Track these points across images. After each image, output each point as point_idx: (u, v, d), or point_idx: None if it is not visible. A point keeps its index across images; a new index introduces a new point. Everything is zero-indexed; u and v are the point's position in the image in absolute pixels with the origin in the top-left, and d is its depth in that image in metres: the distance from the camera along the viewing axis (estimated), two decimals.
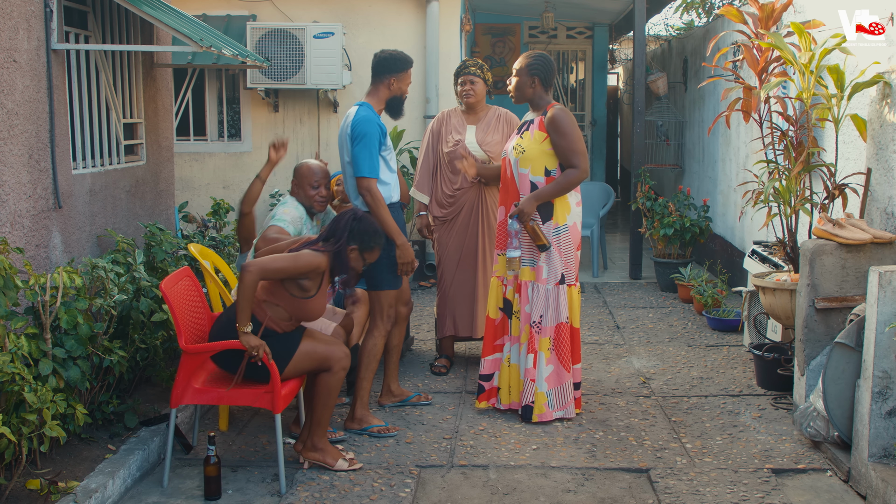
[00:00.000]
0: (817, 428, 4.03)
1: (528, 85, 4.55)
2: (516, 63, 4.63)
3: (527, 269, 4.51)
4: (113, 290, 4.01)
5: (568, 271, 4.49)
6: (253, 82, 7.55)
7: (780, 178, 4.74)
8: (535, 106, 4.59)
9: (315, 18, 7.79)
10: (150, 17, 4.51)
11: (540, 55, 4.60)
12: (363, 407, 4.38)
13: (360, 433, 4.33)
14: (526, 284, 4.51)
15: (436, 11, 7.79)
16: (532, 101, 4.59)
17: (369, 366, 4.38)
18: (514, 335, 4.59)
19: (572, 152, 4.40)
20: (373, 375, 4.42)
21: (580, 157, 4.41)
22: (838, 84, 4.37)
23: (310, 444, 3.90)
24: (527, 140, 4.50)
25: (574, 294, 4.52)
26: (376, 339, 4.39)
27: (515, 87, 4.59)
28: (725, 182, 7.60)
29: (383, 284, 4.38)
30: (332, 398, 3.83)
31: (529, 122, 4.57)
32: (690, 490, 3.73)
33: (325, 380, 3.80)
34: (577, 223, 4.53)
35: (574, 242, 4.51)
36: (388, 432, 4.33)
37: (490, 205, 5.26)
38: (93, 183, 4.84)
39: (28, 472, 3.52)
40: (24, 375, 3.27)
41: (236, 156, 8.09)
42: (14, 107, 3.99)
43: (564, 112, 4.47)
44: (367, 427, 4.34)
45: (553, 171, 4.46)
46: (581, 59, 12.22)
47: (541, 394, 4.47)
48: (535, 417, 4.47)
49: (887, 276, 3.56)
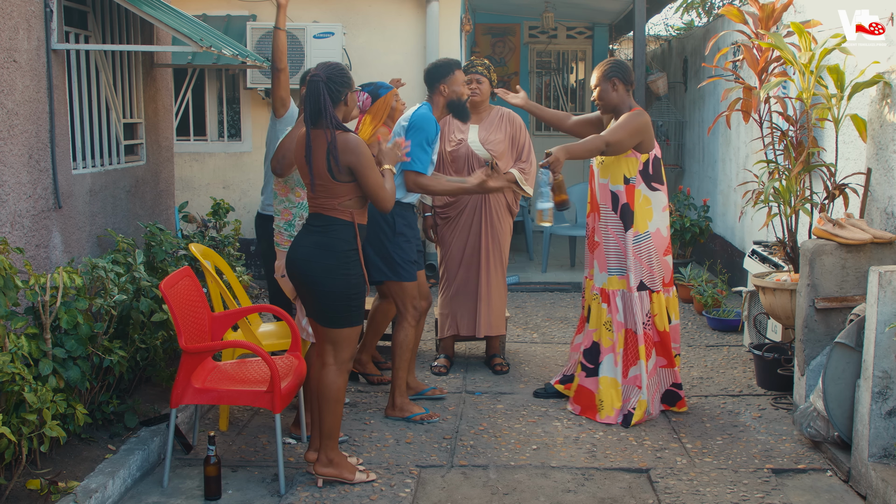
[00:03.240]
0: (817, 428, 4.03)
1: (611, 89, 4.51)
2: (592, 78, 4.62)
3: (614, 277, 4.53)
4: (113, 290, 4.01)
5: (652, 277, 4.48)
6: (253, 82, 7.55)
7: (780, 178, 4.74)
8: (619, 113, 4.53)
9: (315, 18, 7.78)
10: (150, 17, 4.51)
11: (612, 60, 4.60)
12: (402, 395, 4.55)
13: (404, 421, 4.50)
14: (614, 293, 4.52)
15: (436, 11, 7.79)
16: (619, 106, 4.53)
17: (403, 356, 4.53)
18: (605, 346, 4.56)
19: (612, 130, 4.38)
20: (406, 365, 4.56)
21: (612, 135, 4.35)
22: (838, 84, 4.37)
23: (323, 459, 3.75)
24: None
25: (659, 299, 4.50)
26: (406, 329, 4.54)
27: (599, 97, 4.55)
28: (725, 182, 7.60)
29: (402, 276, 4.51)
30: (339, 404, 3.71)
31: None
32: (690, 490, 3.73)
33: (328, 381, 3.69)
34: (661, 228, 4.51)
35: (659, 248, 4.49)
36: (430, 419, 4.50)
37: (493, 204, 5.26)
38: (93, 183, 4.84)
39: (28, 472, 3.52)
40: (24, 375, 3.27)
41: (236, 156, 8.09)
42: (14, 107, 3.99)
43: (638, 111, 4.46)
44: (409, 416, 4.50)
45: (632, 179, 4.46)
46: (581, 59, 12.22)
47: (643, 401, 4.48)
48: (633, 422, 4.47)
49: (887, 276, 3.56)
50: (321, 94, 3.52)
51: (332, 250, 3.60)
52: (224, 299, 4.36)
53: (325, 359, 3.72)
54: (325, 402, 3.69)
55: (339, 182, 3.56)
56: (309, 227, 3.68)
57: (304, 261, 3.62)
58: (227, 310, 4.25)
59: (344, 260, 3.61)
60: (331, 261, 3.59)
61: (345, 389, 3.74)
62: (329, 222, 3.62)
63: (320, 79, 3.54)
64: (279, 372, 3.80)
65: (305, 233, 3.68)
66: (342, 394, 3.71)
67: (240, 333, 4.39)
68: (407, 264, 4.53)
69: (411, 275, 4.55)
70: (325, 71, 3.57)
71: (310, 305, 3.71)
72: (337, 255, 3.60)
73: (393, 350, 4.57)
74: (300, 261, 3.63)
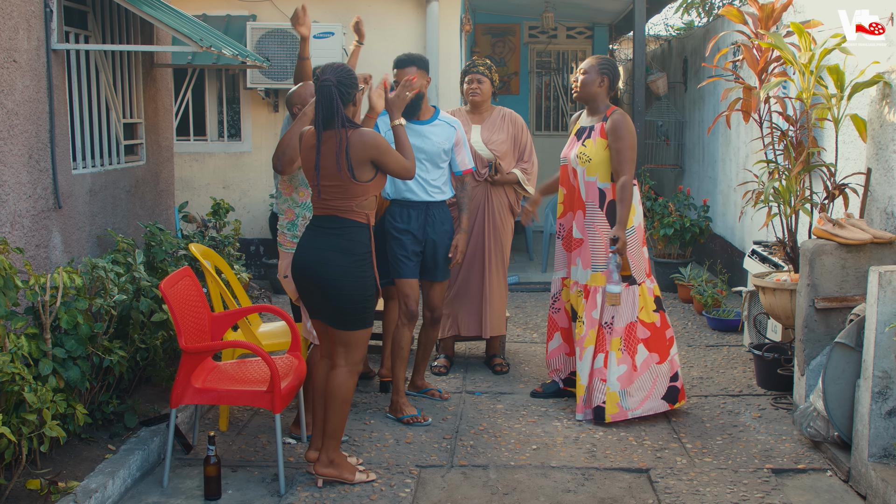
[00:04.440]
0: (817, 428, 4.03)
1: (597, 84, 4.56)
2: (585, 63, 4.65)
3: (598, 273, 4.54)
4: (113, 290, 4.01)
5: (638, 270, 4.52)
6: (253, 82, 7.55)
7: (780, 178, 4.74)
8: (594, 109, 4.61)
9: (315, 18, 7.77)
10: (150, 17, 4.51)
11: (612, 59, 4.65)
12: (399, 394, 4.56)
13: (395, 420, 4.52)
14: (595, 289, 4.54)
15: (436, 11, 7.79)
16: (594, 101, 4.59)
17: (398, 355, 4.56)
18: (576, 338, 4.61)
19: (625, 160, 4.43)
20: (402, 364, 4.58)
21: (630, 164, 4.44)
22: (838, 84, 4.37)
23: (324, 459, 3.74)
24: (590, 147, 4.52)
25: (643, 291, 4.55)
26: (399, 329, 4.56)
27: (582, 83, 4.60)
28: (725, 182, 7.60)
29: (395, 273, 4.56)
30: (346, 405, 3.70)
31: (590, 129, 4.58)
32: (690, 490, 3.73)
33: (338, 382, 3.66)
34: (641, 222, 4.58)
35: (640, 241, 4.56)
36: (419, 421, 4.49)
37: (496, 205, 5.26)
38: (93, 183, 4.84)
39: (28, 472, 3.52)
40: (24, 375, 3.27)
41: (236, 156, 8.09)
42: (14, 107, 3.99)
43: (625, 117, 4.50)
44: (401, 416, 4.51)
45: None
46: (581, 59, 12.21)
47: (613, 393, 4.47)
48: (609, 418, 4.45)
49: (887, 276, 3.56)
50: (334, 98, 3.53)
51: (349, 253, 3.59)
52: (224, 299, 4.36)
53: (336, 360, 3.71)
54: (333, 403, 3.68)
55: (359, 182, 3.56)
56: (320, 230, 3.64)
57: (319, 264, 3.59)
58: (227, 310, 4.25)
59: (361, 262, 3.61)
60: (348, 264, 3.58)
61: (353, 391, 3.74)
62: (345, 224, 3.60)
63: (331, 83, 3.54)
64: (279, 372, 3.80)
65: (317, 235, 3.64)
66: (350, 395, 3.71)
67: (240, 333, 4.39)
68: (395, 262, 4.55)
69: (402, 272, 4.55)
70: (335, 74, 3.57)
71: (320, 308, 3.69)
72: (355, 258, 3.59)
73: (392, 351, 4.60)
74: (315, 264, 3.60)
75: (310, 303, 3.73)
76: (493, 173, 5.17)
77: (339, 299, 3.60)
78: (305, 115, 3.87)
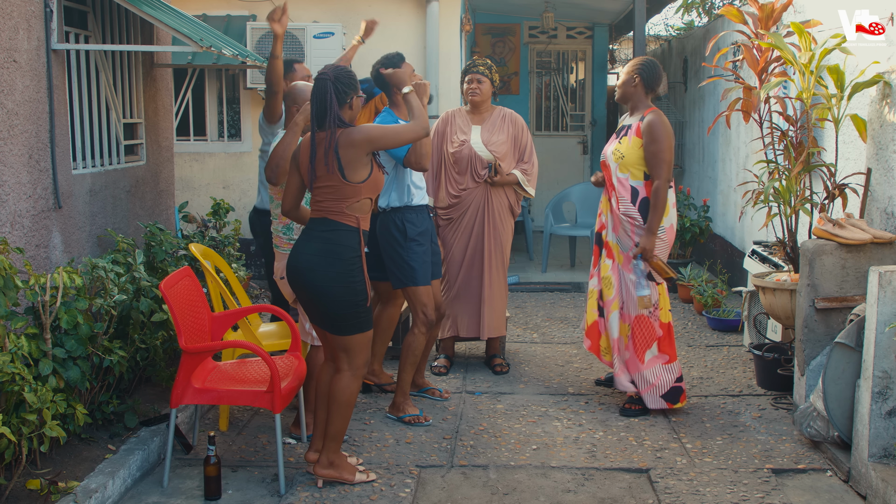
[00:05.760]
0: (817, 428, 4.03)
1: (632, 84, 4.61)
2: (628, 63, 4.71)
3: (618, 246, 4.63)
4: (113, 290, 4.01)
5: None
6: (253, 82, 7.54)
7: (780, 178, 4.74)
8: (634, 108, 4.66)
9: (315, 18, 7.78)
10: (150, 17, 4.51)
11: (651, 60, 4.67)
12: (404, 395, 4.57)
13: (396, 420, 4.52)
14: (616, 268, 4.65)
15: (436, 11, 7.79)
16: (632, 101, 4.65)
17: (408, 358, 4.56)
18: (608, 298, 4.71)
19: (660, 161, 4.45)
20: (411, 367, 4.57)
21: (665, 168, 4.46)
22: (838, 84, 4.37)
23: (324, 460, 3.73)
24: (625, 145, 4.55)
25: (664, 291, 4.61)
26: (416, 335, 4.56)
27: (620, 83, 4.68)
28: (725, 182, 7.60)
29: (414, 280, 4.52)
30: (349, 408, 3.70)
31: (627, 127, 4.62)
32: (690, 490, 3.73)
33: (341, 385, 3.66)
34: (674, 223, 4.60)
35: (668, 243, 4.58)
36: (420, 421, 4.49)
37: (496, 205, 5.25)
38: (93, 183, 4.84)
39: (28, 472, 3.52)
40: (24, 375, 3.27)
41: (236, 156, 8.09)
42: (14, 107, 3.99)
43: (660, 118, 4.51)
44: (402, 416, 4.51)
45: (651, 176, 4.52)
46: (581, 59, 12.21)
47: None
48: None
49: (887, 276, 3.56)
50: (328, 92, 3.52)
51: (336, 258, 3.55)
52: (224, 299, 4.36)
53: (339, 365, 3.71)
54: (336, 406, 3.68)
55: (350, 182, 3.54)
56: (311, 234, 3.62)
57: (307, 270, 3.57)
58: (227, 310, 4.25)
59: (349, 267, 3.57)
60: (336, 269, 3.55)
61: (356, 395, 3.73)
62: (334, 228, 3.58)
63: (328, 77, 3.54)
64: (279, 372, 3.80)
65: (307, 239, 3.63)
66: (354, 398, 3.71)
67: (240, 333, 4.39)
68: (419, 268, 4.51)
69: (423, 279, 4.52)
70: (334, 71, 3.57)
71: (316, 314, 3.69)
72: (342, 263, 3.56)
73: (402, 350, 4.59)
74: (304, 270, 3.58)
75: (307, 308, 3.74)
76: (493, 174, 5.16)
77: (328, 305, 3.59)
78: (297, 124, 3.87)
